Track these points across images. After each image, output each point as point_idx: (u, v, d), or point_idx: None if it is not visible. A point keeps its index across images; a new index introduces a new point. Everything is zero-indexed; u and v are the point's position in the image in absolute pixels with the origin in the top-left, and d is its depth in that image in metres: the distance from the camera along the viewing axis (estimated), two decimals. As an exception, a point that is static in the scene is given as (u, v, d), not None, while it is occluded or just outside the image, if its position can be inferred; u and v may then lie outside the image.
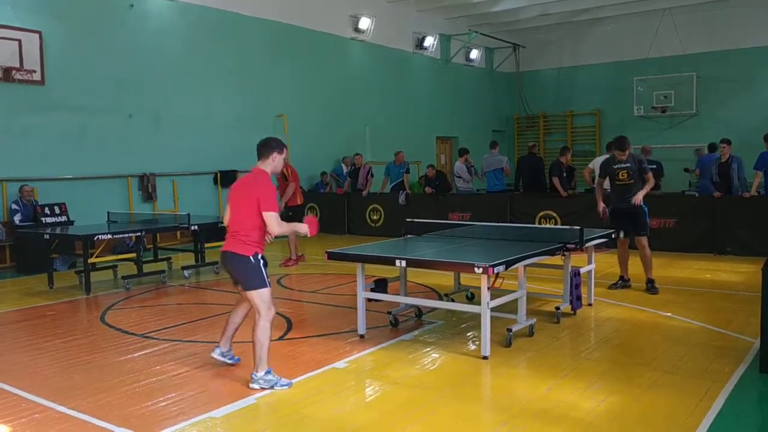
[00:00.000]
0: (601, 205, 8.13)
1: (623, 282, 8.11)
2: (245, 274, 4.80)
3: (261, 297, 4.75)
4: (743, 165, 10.91)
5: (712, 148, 13.27)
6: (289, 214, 10.57)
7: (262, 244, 4.87)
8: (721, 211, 10.65)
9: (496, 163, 13.67)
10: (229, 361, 5.25)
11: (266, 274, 4.82)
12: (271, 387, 4.66)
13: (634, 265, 8.13)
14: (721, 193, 10.71)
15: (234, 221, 4.86)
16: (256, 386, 4.66)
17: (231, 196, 4.99)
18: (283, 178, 10.57)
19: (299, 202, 10.83)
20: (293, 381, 4.83)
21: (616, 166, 7.81)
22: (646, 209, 7.80)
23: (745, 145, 12.81)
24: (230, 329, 5.23)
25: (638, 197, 7.61)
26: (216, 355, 5.23)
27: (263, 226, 4.78)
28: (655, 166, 12.09)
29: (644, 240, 7.80)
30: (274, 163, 4.93)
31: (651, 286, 7.86)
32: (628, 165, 7.72)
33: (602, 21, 21.01)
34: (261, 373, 4.68)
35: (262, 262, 4.81)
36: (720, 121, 18.82)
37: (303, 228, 5.00)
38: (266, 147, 4.93)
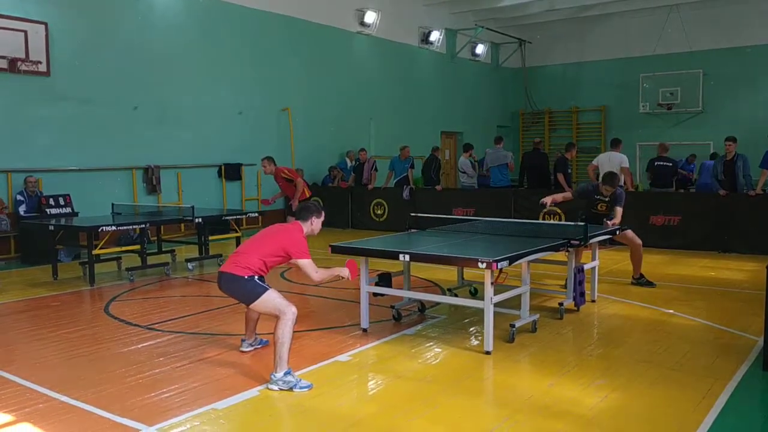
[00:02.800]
0: (551, 199, 7.97)
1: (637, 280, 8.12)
2: (242, 292, 4.87)
3: (270, 299, 4.78)
4: (749, 163, 10.87)
5: (713, 156, 13.45)
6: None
7: (257, 274, 4.90)
8: (726, 209, 10.62)
9: (501, 158, 13.64)
10: (259, 346, 5.49)
11: (262, 284, 4.88)
12: (290, 388, 4.53)
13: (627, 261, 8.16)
14: (726, 191, 10.68)
15: (246, 248, 5.01)
16: (274, 387, 4.54)
17: (264, 231, 5.17)
18: (287, 181, 10.34)
19: (308, 195, 10.63)
20: (296, 374, 4.83)
21: (597, 197, 7.96)
22: (623, 194, 7.85)
23: (751, 143, 12.78)
24: (251, 324, 5.43)
25: (614, 222, 7.56)
26: (245, 348, 5.43)
27: (269, 265, 4.93)
28: (670, 164, 12.11)
29: (629, 233, 7.81)
30: (312, 226, 5.18)
31: (637, 281, 8.03)
32: (608, 200, 7.87)
33: (609, 17, 20.92)
34: (280, 374, 4.57)
35: (256, 277, 4.88)
36: (726, 119, 18.74)
37: (345, 272, 5.16)
38: (306, 210, 5.20)
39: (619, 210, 7.67)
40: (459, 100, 21.05)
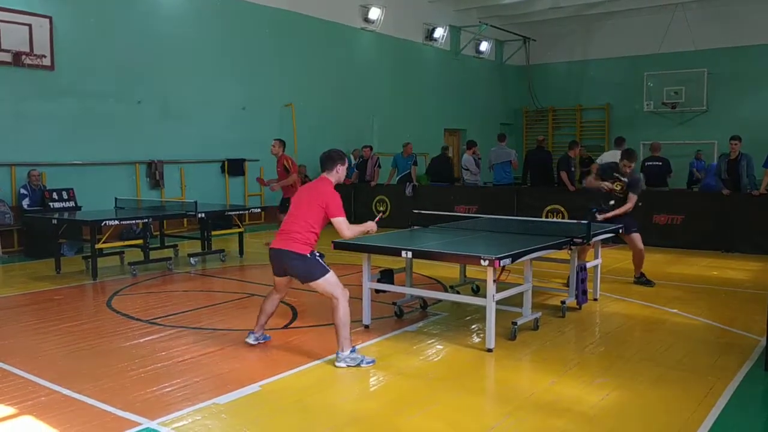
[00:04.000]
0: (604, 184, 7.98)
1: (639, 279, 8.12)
2: (305, 269, 4.99)
3: (328, 282, 4.96)
4: (753, 163, 10.84)
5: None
6: (286, 206, 10.56)
7: (314, 245, 5.07)
8: (729, 209, 10.59)
9: (504, 156, 13.63)
10: (263, 341, 5.54)
11: (324, 263, 5.04)
12: (357, 364, 4.86)
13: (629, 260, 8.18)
14: (729, 191, 10.65)
15: (291, 221, 5.09)
16: (342, 365, 4.85)
17: (295, 200, 5.27)
18: (285, 170, 10.49)
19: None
20: (298, 369, 4.85)
21: (616, 174, 7.88)
22: (640, 180, 7.91)
23: (756, 143, 12.74)
24: (263, 318, 5.47)
25: (608, 215, 7.61)
26: (251, 340, 5.46)
27: (318, 230, 5.06)
28: (660, 163, 12.10)
29: (636, 237, 7.77)
30: (338, 174, 5.23)
31: (638, 280, 8.04)
32: (626, 180, 7.82)
33: (614, 15, 20.87)
34: (347, 352, 4.89)
35: (317, 255, 5.05)
36: (730, 118, 18.68)
37: (372, 227, 5.27)
38: (330, 159, 5.21)
39: (633, 197, 7.66)
40: (463, 97, 21.02)
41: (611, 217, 7.63)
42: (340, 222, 5.02)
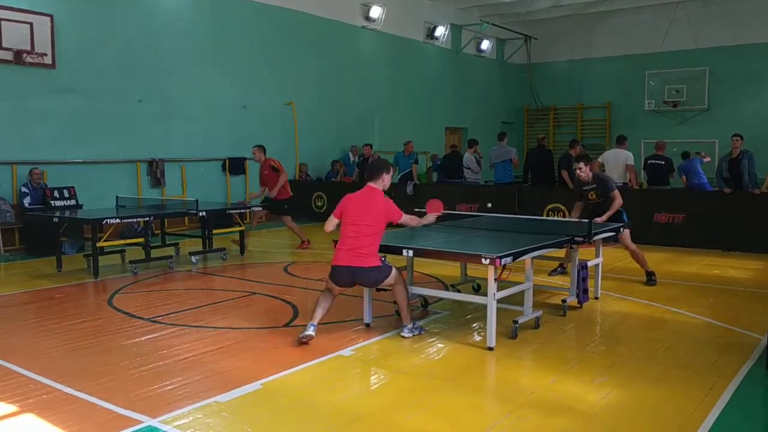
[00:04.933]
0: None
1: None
2: (380, 276, 5.42)
3: (392, 276, 5.48)
4: (754, 161, 10.83)
5: (684, 155, 13.54)
6: (285, 207, 10.66)
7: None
8: (730, 208, 10.58)
9: (505, 154, 13.63)
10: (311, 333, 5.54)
11: (387, 262, 5.49)
12: (420, 333, 5.64)
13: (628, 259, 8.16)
14: (731, 189, 10.64)
15: (355, 236, 5.37)
16: (408, 334, 5.56)
17: (347, 211, 5.48)
18: (273, 170, 10.58)
19: (291, 194, 10.88)
20: (299, 367, 4.86)
21: (585, 188, 7.87)
22: (626, 217, 7.79)
23: (757, 141, 12.74)
24: (321, 313, 5.53)
25: (602, 219, 7.51)
26: (311, 331, 5.42)
27: (382, 236, 5.48)
28: (662, 162, 12.09)
29: (626, 235, 7.69)
30: (384, 182, 5.57)
31: (650, 279, 7.96)
32: (594, 186, 7.78)
33: (615, 13, 20.85)
34: (410, 325, 5.59)
35: (383, 258, 5.49)
36: (732, 117, 18.68)
37: (431, 219, 6.08)
38: (377, 170, 5.58)
39: (615, 194, 7.59)
40: (464, 95, 21.02)
41: (607, 219, 7.61)
42: (406, 219, 5.72)
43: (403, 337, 5.51)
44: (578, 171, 7.79)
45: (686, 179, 13.38)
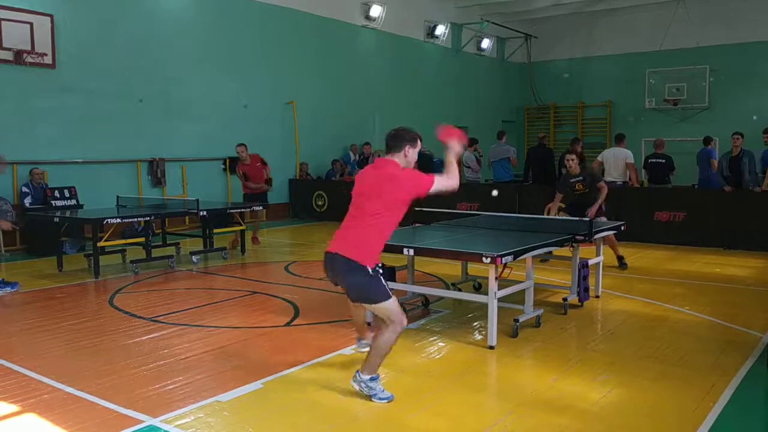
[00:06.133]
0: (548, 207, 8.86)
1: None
2: (359, 283, 4.16)
3: (389, 308, 4.14)
4: (755, 159, 10.82)
5: (706, 141, 13.31)
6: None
7: (379, 253, 4.27)
8: (731, 206, 10.57)
9: (503, 152, 13.65)
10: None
11: (385, 282, 4.23)
12: (370, 396, 4.20)
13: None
14: (731, 188, 10.63)
15: (349, 218, 4.25)
16: (356, 386, 4.25)
17: (354, 190, 4.32)
18: (264, 163, 11.27)
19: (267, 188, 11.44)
20: (300, 366, 4.85)
21: (572, 180, 8.44)
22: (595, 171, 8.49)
23: (758, 140, 12.70)
24: (360, 322, 5.05)
25: (592, 211, 7.99)
26: (363, 348, 4.86)
27: (381, 223, 4.16)
28: (663, 160, 12.08)
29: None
30: (407, 158, 4.26)
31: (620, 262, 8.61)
32: (581, 178, 8.36)
33: (615, 12, 20.82)
34: (366, 377, 4.21)
35: (380, 272, 4.21)
36: (732, 115, 18.66)
37: (457, 148, 4.36)
38: (398, 138, 4.27)
39: (601, 185, 8.14)
40: (464, 94, 21.00)
41: (597, 211, 8.05)
42: (440, 187, 4.18)
43: (351, 385, 4.32)
44: (569, 162, 8.35)
45: (699, 168, 13.07)
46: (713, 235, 10.69)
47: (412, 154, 4.28)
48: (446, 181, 4.21)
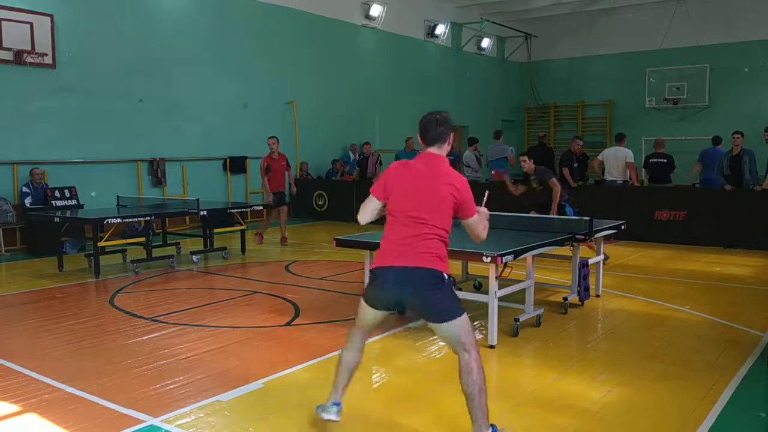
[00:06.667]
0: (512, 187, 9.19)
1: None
2: (442, 300, 3.41)
3: (465, 326, 3.43)
4: (755, 158, 10.82)
5: (716, 141, 13.20)
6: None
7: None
8: (731, 205, 10.57)
9: (501, 152, 13.68)
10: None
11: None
12: None
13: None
14: (732, 187, 10.63)
15: (413, 225, 3.45)
16: None
17: (397, 190, 3.56)
18: (288, 165, 11.19)
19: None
20: (300, 366, 4.85)
21: (532, 178, 8.84)
22: (570, 211, 8.53)
23: (758, 139, 12.70)
24: (345, 377, 3.78)
25: (553, 210, 8.36)
26: (334, 416, 3.71)
27: (446, 236, 3.52)
28: (665, 160, 12.07)
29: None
30: (450, 147, 3.76)
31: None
32: (534, 177, 8.75)
33: (615, 11, 20.82)
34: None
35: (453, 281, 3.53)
36: (732, 114, 18.63)
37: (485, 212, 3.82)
38: (446, 124, 3.78)
39: (553, 182, 8.42)
40: (464, 93, 20.99)
41: (557, 208, 8.41)
42: (476, 224, 3.67)
43: None
44: (523, 162, 8.72)
45: (703, 167, 12.70)
46: (713, 234, 10.69)
47: (452, 140, 3.80)
48: (482, 221, 3.69)
